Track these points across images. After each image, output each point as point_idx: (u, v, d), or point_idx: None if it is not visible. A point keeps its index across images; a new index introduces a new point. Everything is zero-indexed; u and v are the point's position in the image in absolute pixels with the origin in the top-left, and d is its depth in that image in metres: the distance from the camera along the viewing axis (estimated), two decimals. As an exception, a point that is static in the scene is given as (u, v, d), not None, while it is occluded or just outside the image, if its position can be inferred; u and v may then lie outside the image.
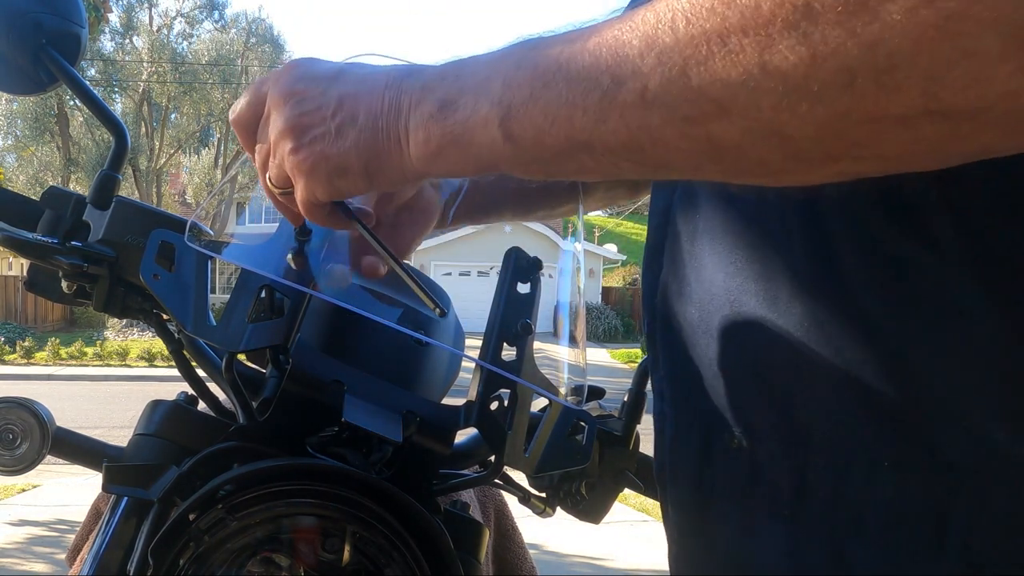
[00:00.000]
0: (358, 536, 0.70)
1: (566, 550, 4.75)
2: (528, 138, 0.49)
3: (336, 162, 0.58)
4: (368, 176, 0.59)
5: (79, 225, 0.89)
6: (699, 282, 0.65)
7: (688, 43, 0.42)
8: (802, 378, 0.57)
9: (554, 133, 0.48)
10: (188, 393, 0.86)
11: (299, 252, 0.74)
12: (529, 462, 0.73)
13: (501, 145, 0.51)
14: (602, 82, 0.45)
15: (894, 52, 0.36)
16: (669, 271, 0.69)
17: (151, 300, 0.86)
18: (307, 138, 0.59)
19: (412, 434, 0.75)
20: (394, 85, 0.56)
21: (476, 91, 0.51)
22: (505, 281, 0.75)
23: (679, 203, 0.69)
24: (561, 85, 0.47)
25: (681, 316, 0.67)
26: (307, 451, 0.74)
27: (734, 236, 0.62)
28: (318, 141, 0.58)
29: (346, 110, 0.57)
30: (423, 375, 0.88)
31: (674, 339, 0.68)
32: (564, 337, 0.76)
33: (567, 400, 0.75)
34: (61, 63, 0.89)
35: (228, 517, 0.68)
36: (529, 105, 0.49)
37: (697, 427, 0.66)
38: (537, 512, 0.99)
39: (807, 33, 0.38)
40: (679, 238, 0.68)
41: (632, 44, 0.44)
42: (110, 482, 0.77)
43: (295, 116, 0.59)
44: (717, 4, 0.41)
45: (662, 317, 0.70)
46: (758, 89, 0.40)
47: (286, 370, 0.74)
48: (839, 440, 0.56)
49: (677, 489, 0.69)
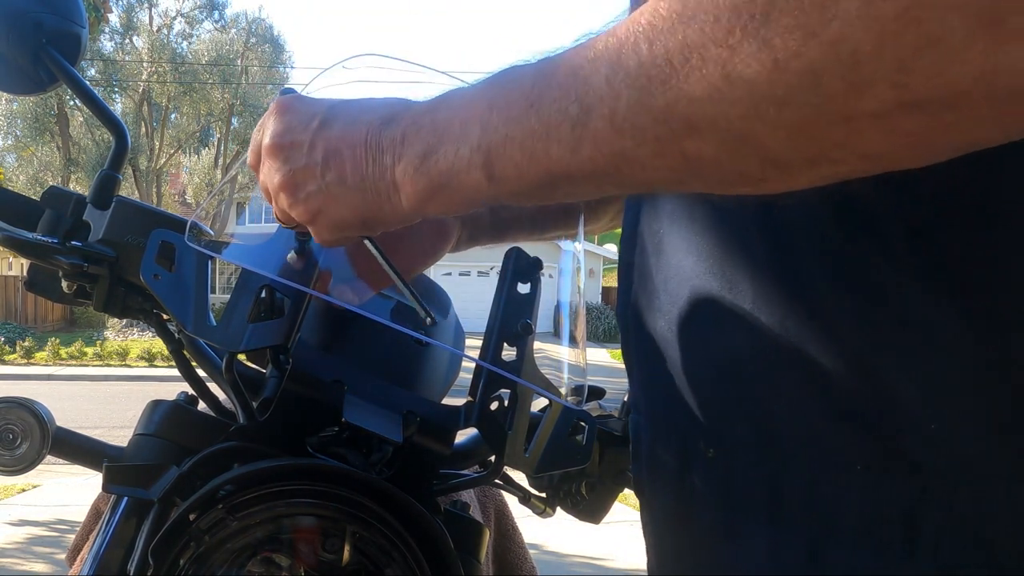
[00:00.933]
0: (358, 536, 0.70)
1: (566, 550, 4.74)
2: (510, 177, 0.50)
3: (334, 218, 0.61)
4: (366, 226, 0.61)
5: (79, 225, 0.89)
6: (666, 293, 0.65)
7: (651, 64, 0.42)
8: (772, 384, 0.57)
9: (533, 168, 0.48)
10: (188, 393, 0.86)
11: (300, 252, 0.74)
12: (529, 462, 0.73)
13: (486, 186, 0.52)
14: (571, 112, 0.45)
15: (857, 48, 0.36)
16: (639, 285, 0.70)
17: (151, 300, 0.86)
18: (302, 195, 0.61)
19: (412, 434, 0.75)
20: (374, 139, 0.57)
21: (456, 139, 0.52)
22: (505, 281, 0.75)
23: (645, 219, 0.69)
24: (533, 120, 0.47)
25: (650, 328, 0.67)
26: (307, 451, 0.73)
27: (697, 247, 0.62)
28: (313, 198, 0.60)
29: (334, 169, 0.59)
30: (423, 375, 0.88)
31: (645, 351, 0.69)
32: (564, 337, 0.77)
33: (567, 400, 0.75)
34: (61, 63, 0.89)
35: (228, 517, 0.68)
36: (507, 145, 0.49)
37: (674, 438, 0.66)
38: (537, 512, 0.99)
39: (767, 40, 0.38)
40: (646, 252, 0.69)
41: (597, 71, 0.44)
42: (110, 482, 0.77)
43: (287, 174, 0.61)
44: (676, 22, 0.41)
45: (634, 330, 0.70)
46: (725, 101, 0.40)
47: (286, 370, 0.74)
48: (811, 444, 0.56)
49: (657, 499, 0.69)
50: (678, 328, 0.64)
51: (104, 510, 0.96)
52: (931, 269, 0.51)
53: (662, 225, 0.66)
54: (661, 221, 0.67)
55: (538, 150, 0.48)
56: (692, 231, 0.63)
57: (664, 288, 0.66)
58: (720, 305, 0.60)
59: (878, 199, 0.51)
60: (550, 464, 0.75)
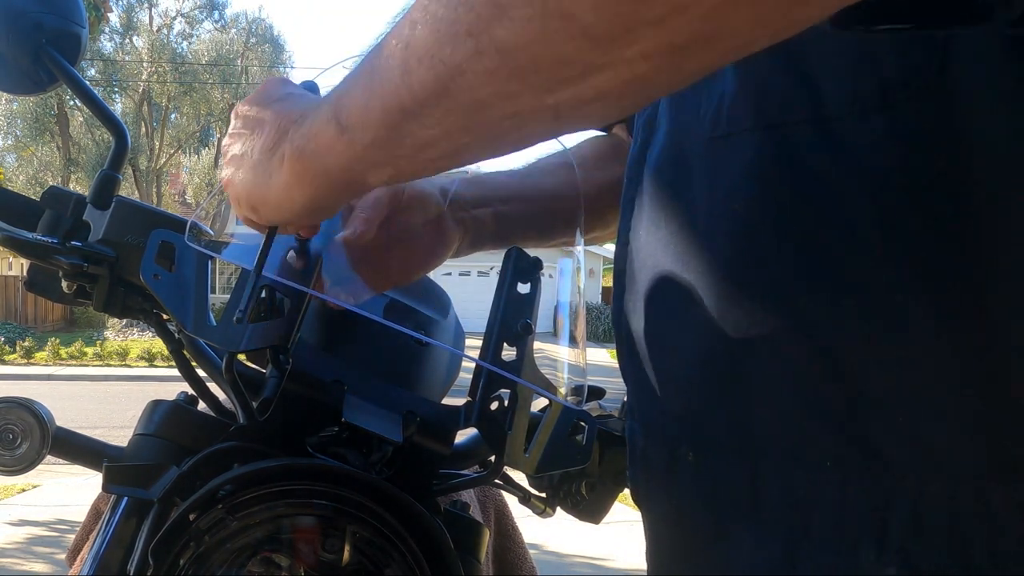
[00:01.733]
0: (358, 536, 0.69)
1: (566, 550, 4.75)
2: (355, 121, 0.50)
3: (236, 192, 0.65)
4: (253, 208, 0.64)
5: (79, 225, 0.89)
6: (646, 296, 0.66)
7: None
8: (749, 382, 0.58)
9: (373, 106, 0.48)
10: (188, 393, 0.86)
11: (299, 252, 0.74)
12: (529, 462, 0.73)
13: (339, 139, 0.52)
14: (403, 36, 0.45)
15: None
16: (628, 290, 0.70)
17: (151, 300, 0.86)
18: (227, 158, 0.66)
19: (412, 434, 0.75)
20: (287, 121, 0.59)
21: (317, 105, 0.55)
22: (505, 281, 0.75)
23: (633, 225, 0.70)
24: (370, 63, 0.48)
25: (638, 332, 0.68)
26: (307, 451, 0.73)
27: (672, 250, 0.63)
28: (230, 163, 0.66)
29: (251, 139, 0.62)
30: (423, 375, 0.88)
31: (635, 356, 0.69)
32: (564, 337, 0.76)
33: (567, 400, 0.75)
34: (61, 63, 0.89)
35: (228, 517, 0.67)
36: (350, 92, 0.51)
37: (661, 440, 0.66)
38: (537, 512, 0.99)
39: None
40: (630, 257, 0.69)
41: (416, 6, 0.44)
42: (110, 482, 0.77)
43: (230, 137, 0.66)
44: None
45: (625, 335, 0.71)
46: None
47: (286, 370, 0.73)
48: (785, 441, 0.56)
49: (652, 501, 0.69)
50: (657, 331, 0.65)
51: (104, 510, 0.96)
52: (903, 260, 0.51)
53: (641, 229, 0.67)
54: (641, 225, 0.67)
55: (375, 86, 0.48)
56: (667, 232, 0.64)
57: (644, 291, 0.66)
58: (692, 304, 0.60)
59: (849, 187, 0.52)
60: (550, 464, 0.75)
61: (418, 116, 0.46)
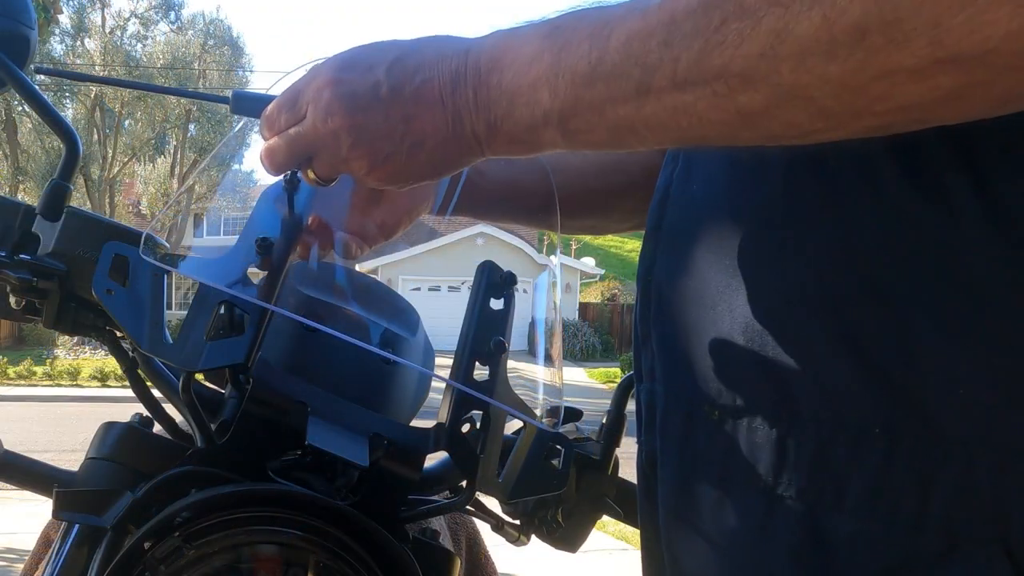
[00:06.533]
0: (322, 566, 0.68)
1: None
2: (582, 130, 0.56)
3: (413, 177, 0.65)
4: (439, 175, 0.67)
5: (28, 237, 0.86)
6: (697, 254, 0.67)
7: (707, 26, 0.47)
8: (797, 343, 0.58)
9: (603, 123, 0.54)
10: (143, 415, 0.84)
11: (261, 266, 0.73)
12: (502, 487, 0.73)
13: (561, 140, 0.58)
14: (634, 75, 0.51)
15: (899, 6, 0.41)
16: (666, 248, 0.71)
17: (104, 316, 0.85)
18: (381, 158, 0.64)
19: (379, 458, 0.74)
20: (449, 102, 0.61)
21: (528, 103, 0.57)
22: (477, 297, 0.75)
23: (677, 181, 0.71)
24: (600, 85, 0.53)
25: (676, 288, 0.68)
26: (268, 476, 0.72)
27: (731, 206, 0.65)
28: (391, 160, 0.64)
29: (414, 133, 0.62)
30: (391, 396, 0.87)
31: (667, 313, 0.69)
32: (539, 355, 0.77)
33: (542, 422, 0.75)
34: (9, 67, 0.87)
35: (185, 545, 0.66)
36: (577, 106, 0.55)
37: (683, 402, 0.67)
38: (511, 540, 0.99)
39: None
40: (677, 214, 0.71)
41: (655, 34, 0.49)
42: (61, 508, 0.75)
43: (367, 143, 0.63)
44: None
45: (656, 292, 0.71)
46: (776, 58, 0.45)
47: (246, 391, 0.72)
48: (828, 407, 0.57)
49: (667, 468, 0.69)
50: (704, 287, 0.65)
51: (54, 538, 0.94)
52: (992, 232, 0.52)
53: (696, 186, 0.69)
54: (696, 182, 0.69)
55: (607, 109, 0.53)
56: (729, 191, 0.66)
57: (694, 248, 0.67)
58: (754, 261, 0.62)
59: (936, 147, 0.53)
60: (524, 489, 0.74)
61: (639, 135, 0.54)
